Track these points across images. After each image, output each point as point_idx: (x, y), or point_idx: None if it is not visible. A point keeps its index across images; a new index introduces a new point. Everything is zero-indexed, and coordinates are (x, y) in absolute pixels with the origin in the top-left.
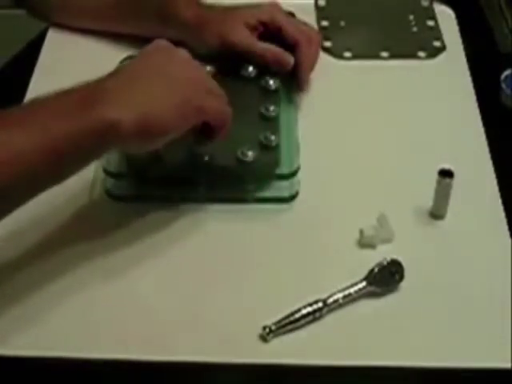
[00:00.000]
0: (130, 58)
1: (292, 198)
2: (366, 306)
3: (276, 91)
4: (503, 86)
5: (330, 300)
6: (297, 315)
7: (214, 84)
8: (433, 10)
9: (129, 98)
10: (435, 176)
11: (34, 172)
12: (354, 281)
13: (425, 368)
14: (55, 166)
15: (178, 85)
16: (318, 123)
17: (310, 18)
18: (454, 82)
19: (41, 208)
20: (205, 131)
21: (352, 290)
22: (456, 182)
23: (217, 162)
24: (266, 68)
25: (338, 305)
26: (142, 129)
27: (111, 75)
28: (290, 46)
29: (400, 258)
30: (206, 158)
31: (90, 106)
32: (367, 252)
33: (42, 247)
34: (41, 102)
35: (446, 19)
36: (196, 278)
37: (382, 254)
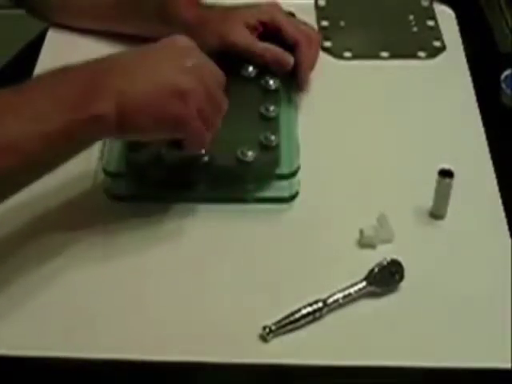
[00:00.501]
0: None
1: (292, 198)
2: (366, 306)
3: (276, 91)
4: (503, 85)
5: (330, 300)
6: (297, 315)
7: (211, 105)
8: (433, 10)
9: (120, 93)
10: (435, 176)
11: (26, 160)
12: (354, 281)
13: (425, 368)
14: (47, 155)
15: (170, 95)
16: (318, 123)
17: (310, 18)
18: (454, 82)
19: (40, 207)
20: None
21: (352, 290)
22: (456, 182)
23: (217, 162)
24: (266, 68)
25: (338, 305)
26: (124, 126)
27: (120, 55)
28: (290, 46)
29: (400, 258)
30: (205, 158)
31: (84, 99)
32: (367, 252)
33: (41, 247)
34: (38, 86)
35: (446, 19)
36: (196, 278)
37: (382, 254)
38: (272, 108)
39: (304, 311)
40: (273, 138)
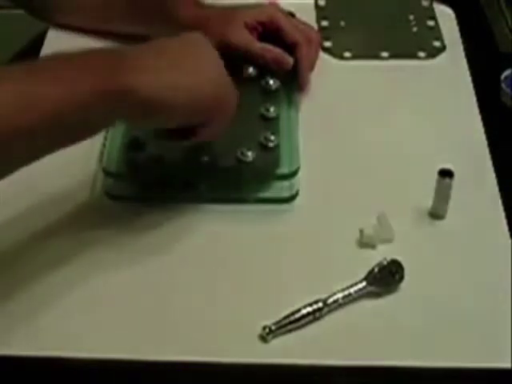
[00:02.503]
0: None
1: (292, 198)
2: (366, 305)
3: (276, 91)
4: (503, 85)
5: (330, 300)
6: (297, 315)
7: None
8: (433, 10)
9: (155, 72)
10: (435, 176)
11: (46, 122)
12: (353, 281)
13: (425, 368)
14: (66, 120)
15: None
16: (318, 123)
17: (310, 18)
18: (454, 82)
19: (40, 208)
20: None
21: (352, 290)
22: (456, 181)
23: (217, 163)
24: (266, 68)
25: (338, 305)
26: (154, 104)
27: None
28: (290, 47)
29: (400, 258)
30: (205, 159)
31: (113, 72)
32: (367, 252)
33: (41, 247)
34: (61, 57)
35: (446, 19)
36: (196, 278)
37: (381, 254)
38: (272, 108)
39: (304, 311)
40: (273, 138)
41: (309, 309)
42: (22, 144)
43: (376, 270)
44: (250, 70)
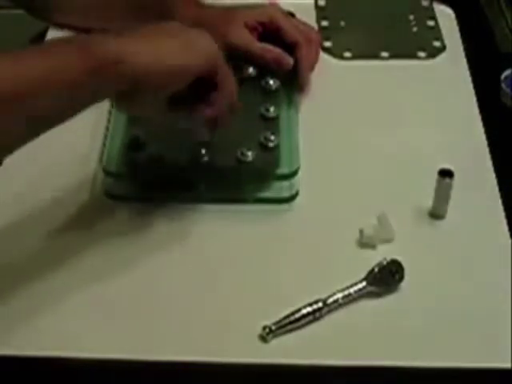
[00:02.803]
0: None
1: (292, 198)
2: (366, 306)
3: (276, 91)
4: (503, 85)
5: (330, 300)
6: (297, 315)
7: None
8: (433, 10)
9: (140, 42)
10: (435, 176)
11: (42, 89)
12: (353, 281)
13: (425, 368)
14: (63, 99)
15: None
16: (318, 123)
17: (310, 18)
18: (454, 82)
19: (40, 208)
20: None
21: (352, 290)
22: (456, 182)
23: (217, 163)
24: (266, 68)
25: (338, 305)
26: (142, 72)
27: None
28: (290, 46)
29: (400, 258)
30: (205, 159)
31: (97, 44)
32: (367, 252)
33: (41, 247)
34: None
35: (446, 19)
36: (196, 278)
37: (381, 254)
38: (272, 108)
39: (304, 311)
40: (273, 138)
41: (309, 309)
42: (12, 111)
43: (376, 269)
44: (250, 70)
